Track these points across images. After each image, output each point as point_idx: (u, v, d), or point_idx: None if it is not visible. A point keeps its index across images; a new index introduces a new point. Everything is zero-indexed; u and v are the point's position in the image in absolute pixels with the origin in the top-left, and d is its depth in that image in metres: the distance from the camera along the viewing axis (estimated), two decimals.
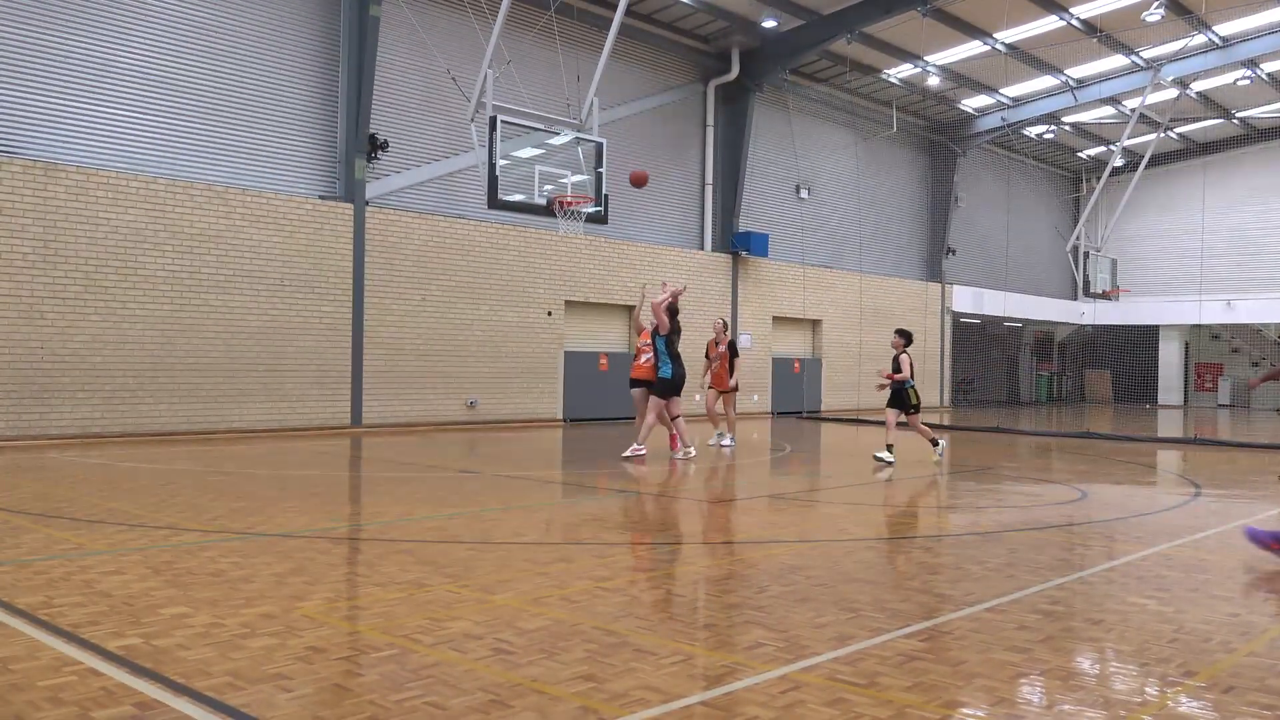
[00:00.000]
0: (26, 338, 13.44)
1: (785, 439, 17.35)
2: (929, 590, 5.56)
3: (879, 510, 8.77)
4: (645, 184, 14.35)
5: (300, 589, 5.26)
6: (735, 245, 23.26)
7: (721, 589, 5.55)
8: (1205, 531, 7.72)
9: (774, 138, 24.65)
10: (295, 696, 3.62)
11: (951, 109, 28.45)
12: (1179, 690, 3.87)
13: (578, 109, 14.75)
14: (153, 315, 14.52)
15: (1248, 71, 25.65)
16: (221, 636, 4.34)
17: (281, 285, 15.85)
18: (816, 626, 4.67)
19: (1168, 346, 34.79)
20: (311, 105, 16.52)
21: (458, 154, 18.07)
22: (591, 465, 12.39)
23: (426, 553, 6.32)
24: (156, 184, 14.59)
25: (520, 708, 3.53)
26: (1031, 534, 7.57)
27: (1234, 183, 33.10)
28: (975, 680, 3.91)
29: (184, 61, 15.07)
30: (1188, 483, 11.65)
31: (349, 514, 8.21)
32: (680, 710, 3.53)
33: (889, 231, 28.85)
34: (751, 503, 9.44)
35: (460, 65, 16.76)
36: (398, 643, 4.30)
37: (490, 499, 8.88)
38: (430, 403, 17.68)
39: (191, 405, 14.90)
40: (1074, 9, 21.54)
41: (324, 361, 16.35)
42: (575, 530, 7.64)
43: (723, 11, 20.78)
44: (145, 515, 7.61)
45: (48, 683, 3.71)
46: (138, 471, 10.61)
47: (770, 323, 24.68)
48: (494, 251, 18.65)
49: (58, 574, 5.52)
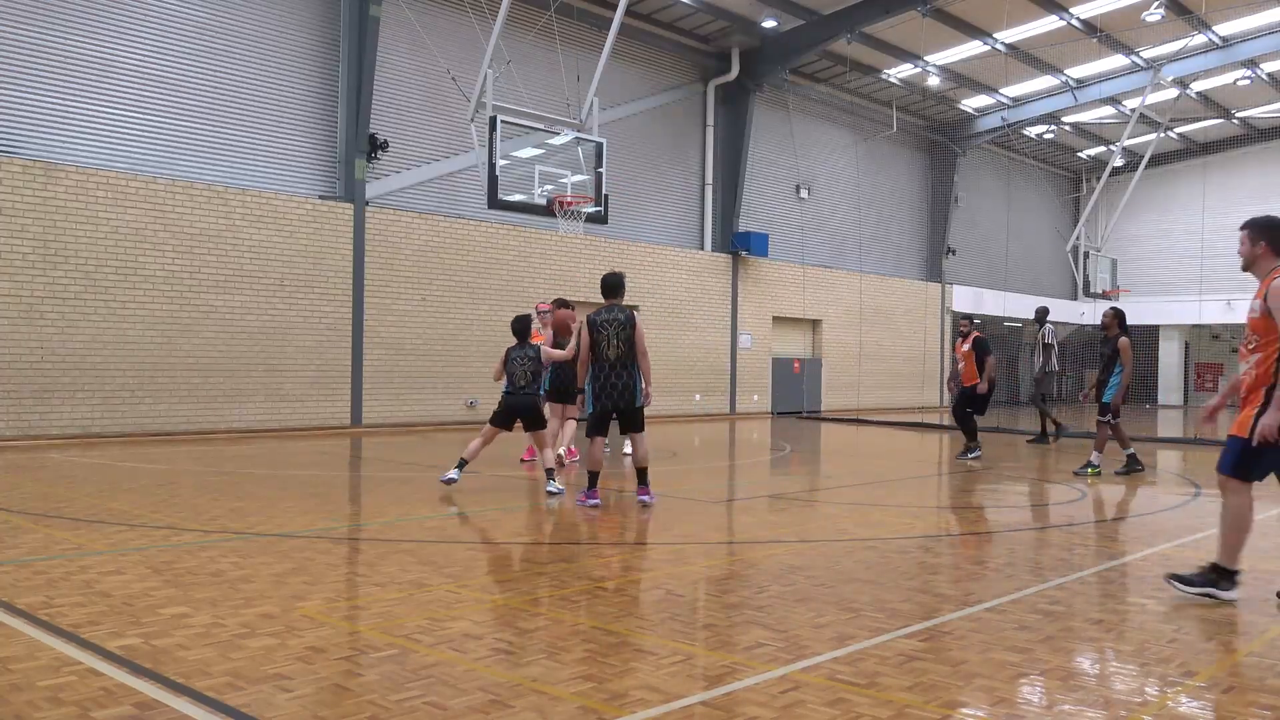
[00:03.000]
0: (26, 338, 13.44)
1: (785, 439, 17.35)
2: (929, 590, 5.56)
3: (879, 510, 8.77)
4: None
5: (300, 589, 5.25)
6: (735, 245, 23.26)
7: (721, 589, 5.55)
8: (1205, 531, 7.72)
9: (774, 138, 24.64)
10: (295, 696, 3.61)
11: (951, 109, 28.45)
12: (1179, 690, 3.87)
13: (578, 109, 14.75)
14: (153, 315, 14.52)
15: (1248, 71, 25.66)
16: (221, 636, 4.34)
17: (281, 285, 15.85)
18: (816, 626, 4.67)
19: (1168, 346, 34.79)
20: (311, 105, 16.52)
21: (458, 154, 18.07)
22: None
23: (426, 553, 6.31)
24: (156, 184, 14.59)
25: (520, 708, 3.53)
26: (1031, 534, 7.57)
27: (1234, 183, 33.09)
28: (975, 680, 3.91)
29: (184, 61, 15.07)
30: (1188, 483, 11.65)
31: (349, 514, 8.21)
32: (680, 710, 3.53)
33: (889, 231, 28.86)
34: (751, 503, 9.44)
35: (460, 65, 16.75)
36: (398, 643, 4.30)
37: (490, 499, 8.87)
38: (430, 403, 17.68)
39: (191, 405, 14.89)
40: (1074, 9, 21.53)
41: (324, 361, 16.35)
42: (575, 530, 7.64)
43: (723, 11, 20.77)
44: (145, 515, 7.61)
45: (48, 683, 3.71)
46: (138, 471, 10.61)
47: (770, 323, 24.69)
48: (494, 251, 18.65)
49: (58, 574, 5.52)
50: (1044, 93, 27.28)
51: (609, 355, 8.31)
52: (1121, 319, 11.66)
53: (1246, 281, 5.72)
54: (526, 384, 9.28)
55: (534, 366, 9.30)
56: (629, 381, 8.34)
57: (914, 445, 14.74)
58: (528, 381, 9.27)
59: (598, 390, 8.40)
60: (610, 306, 8.43)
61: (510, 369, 9.30)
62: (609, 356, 8.31)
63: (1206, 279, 32.35)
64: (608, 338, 8.30)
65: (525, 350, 9.32)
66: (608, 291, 8.46)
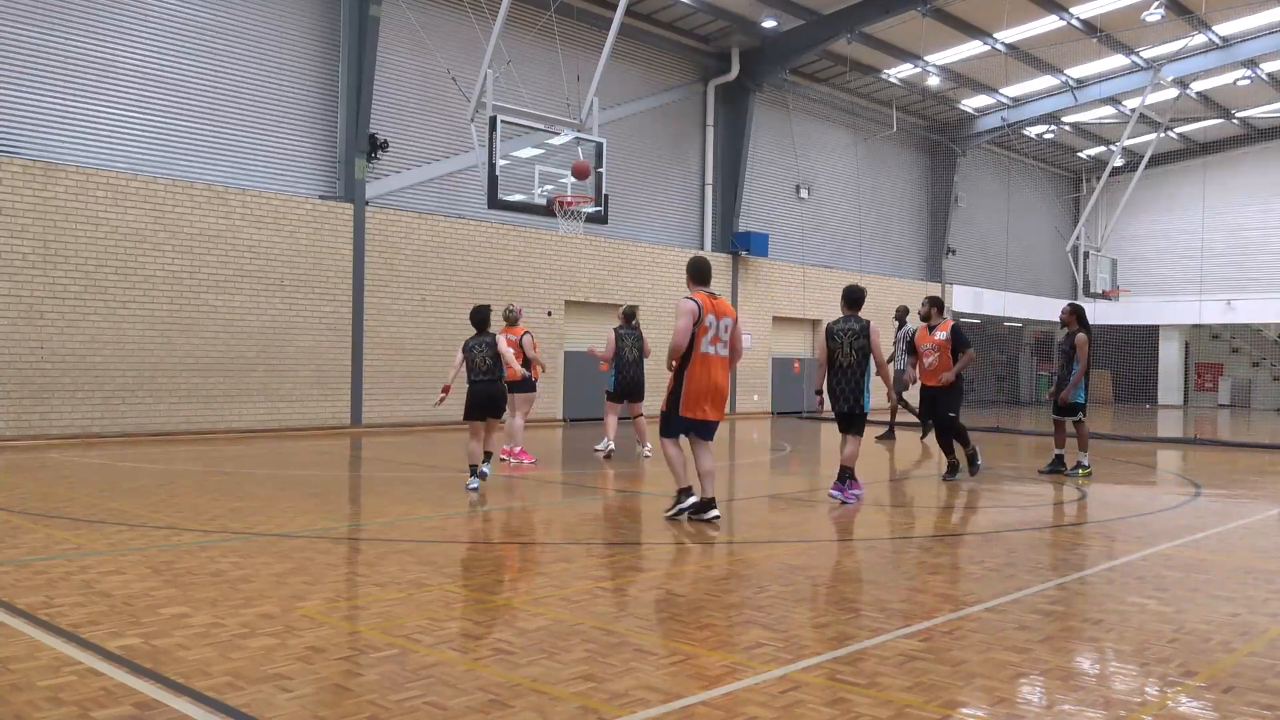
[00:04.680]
0: (26, 338, 13.44)
1: (785, 439, 17.35)
2: (929, 590, 5.56)
3: (879, 510, 8.77)
4: (586, 175, 13.86)
5: (300, 589, 5.26)
6: (735, 245, 23.26)
7: (721, 589, 5.55)
8: (1205, 531, 7.72)
9: (774, 138, 24.64)
10: (295, 696, 3.61)
11: (951, 109, 28.44)
12: (1179, 690, 3.87)
13: (578, 109, 14.74)
14: (153, 315, 14.51)
15: (1248, 71, 25.65)
16: (221, 636, 4.34)
17: (281, 285, 15.85)
18: (816, 626, 4.67)
19: (1168, 346, 34.77)
20: (311, 105, 16.52)
21: (458, 154, 18.06)
22: (592, 465, 12.38)
23: (426, 553, 6.31)
24: (156, 184, 14.59)
25: (520, 708, 3.53)
26: (1031, 534, 7.57)
27: (1234, 183, 33.08)
28: (975, 680, 3.91)
29: (184, 61, 15.06)
30: (1188, 483, 11.65)
31: (349, 514, 8.21)
32: (680, 710, 3.53)
33: (889, 231, 28.85)
34: (751, 503, 9.44)
35: (460, 65, 16.75)
36: (398, 643, 4.30)
37: (490, 499, 8.87)
38: (430, 403, 17.63)
39: (191, 405, 14.89)
40: (1074, 9, 21.53)
41: (324, 361, 16.35)
42: (575, 530, 7.64)
43: (723, 11, 20.77)
44: (145, 515, 7.61)
45: (48, 683, 3.71)
46: (138, 471, 10.61)
47: (770, 323, 24.68)
48: (494, 251, 18.65)
49: (58, 574, 5.52)
50: (1044, 93, 27.27)
51: (842, 362, 9.02)
52: (1080, 315, 11.51)
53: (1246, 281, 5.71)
54: (488, 370, 9.44)
55: (492, 353, 9.44)
56: (857, 388, 8.96)
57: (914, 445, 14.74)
58: (488, 368, 9.44)
59: (834, 394, 9.11)
60: (848, 316, 9.12)
61: (470, 357, 9.46)
62: (842, 364, 9.02)
63: (1206, 279, 32.35)
64: (842, 345, 9.01)
65: (484, 338, 9.51)
66: (849, 304, 9.16)
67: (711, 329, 7.57)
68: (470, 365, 9.47)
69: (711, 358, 7.60)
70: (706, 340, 7.53)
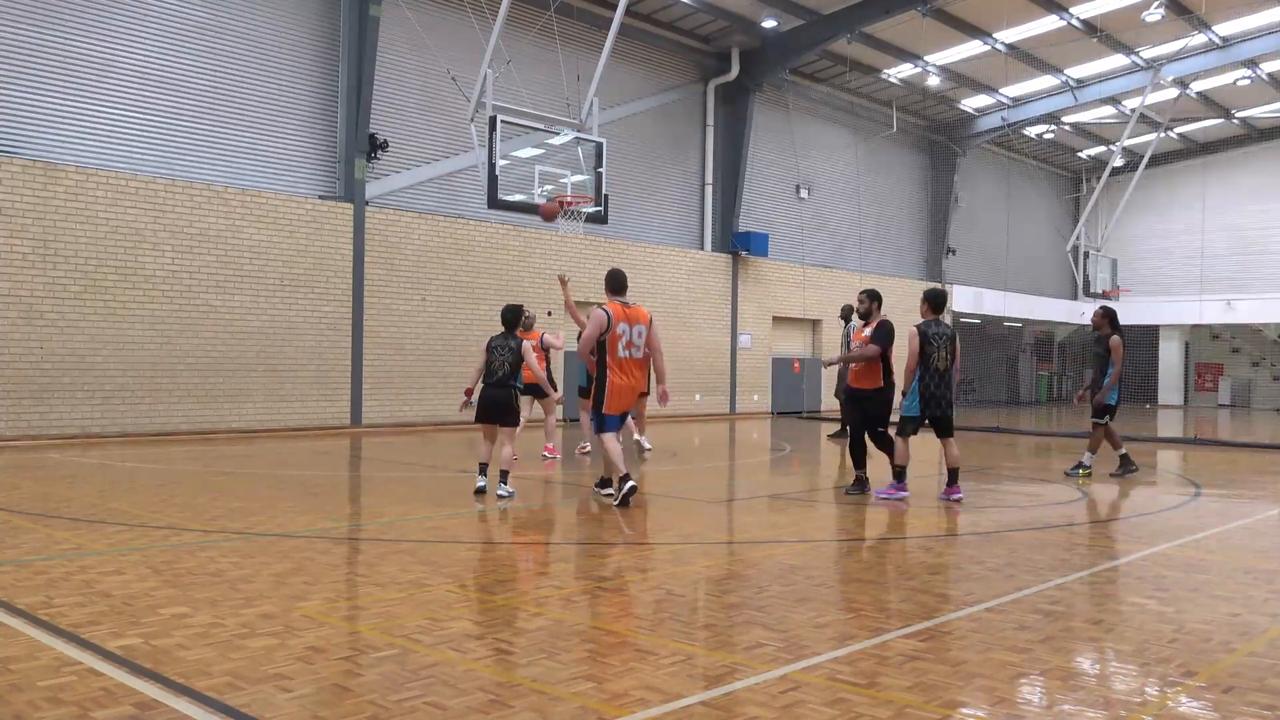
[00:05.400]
0: (26, 338, 13.44)
1: (785, 439, 17.35)
2: (929, 590, 5.56)
3: (879, 510, 8.77)
4: (554, 217, 13.73)
5: (300, 589, 5.25)
6: (735, 245, 23.26)
7: (721, 589, 5.55)
8: (1205, 531, 7.72)
9: (774, 138, 24.64)
10: (295, 696, 3.61)
11: (951, 109, 28.45)
12: (1179, 690, 3.87)
13: (578, 109, 14.75)
14: (153, 315, 14.51)
15: (1248, 71, 25.66)
16: (221, 636, 4.34)
17: (281, 285, 15.85)
18: (816, 626, 4.67)
19: (1168, 346, 34.78)
20: (311, 105, 16.52)
21: (458, 154, 18.07)
22: (593, 465, 12.38)
23: (426, 553, 6.31)
24: (156, 184, 14.59)
25: (520, 708, 3.53)
26: (1031, 534, 7.57)
27: (1234, 183, 33.09)
28: (975, 680, 3.91)
29: (184, 61, 15.07)
30: (1188, 483, 11.65)
31: (349, 514, 8.21)
32: (680, 710, 3.53)
33: (889, 231, 28.86)
34: (751, 503, 9.43)
35: (460, 65, 16.75)
36: (398, 643, 4.30)
37: (490, 499, 8.86)
38: (430, 403, 17.67)
39: (191, 405, 14.89)
40: (1074, 9, 21.53)
41: (324, 361, 16.35)
42: (575, 530, 7.64)
43: (723, 11, 20.77)
44: (145, 515, 7.61)
45: (48, 683, 3.71)
46: (138, 471, 10.61)
47: (770, 323, 24.68)
48: (494, 251, 18.65)
49: (58, 574, 5.52)
50: (1044, 93, 27.27)
51: (939, 366, 8.97)
52: (1113, 318, 11.43)
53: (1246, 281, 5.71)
54: (504, 375, 8.88)
55: (513, 358, 8.89)
56: (950, 390, 9.05)
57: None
58: (505, 374, 8.86)
59: (926, 397, 9.00)
60: (937, 320, 9.13)
61: (490, 358, 8.94)
62: (939, 367, 8.98)
63: (1206, 279, 32.36)
64: (939, 349, 8.97)
65: (508, 340, 8.99)
66: (934, 307, 9.20)
67: (624, 335, 8.33)
68: (488, 367, 8.96)
69: (626, 361, 8.40)
70: (621, 346, 8.31)
